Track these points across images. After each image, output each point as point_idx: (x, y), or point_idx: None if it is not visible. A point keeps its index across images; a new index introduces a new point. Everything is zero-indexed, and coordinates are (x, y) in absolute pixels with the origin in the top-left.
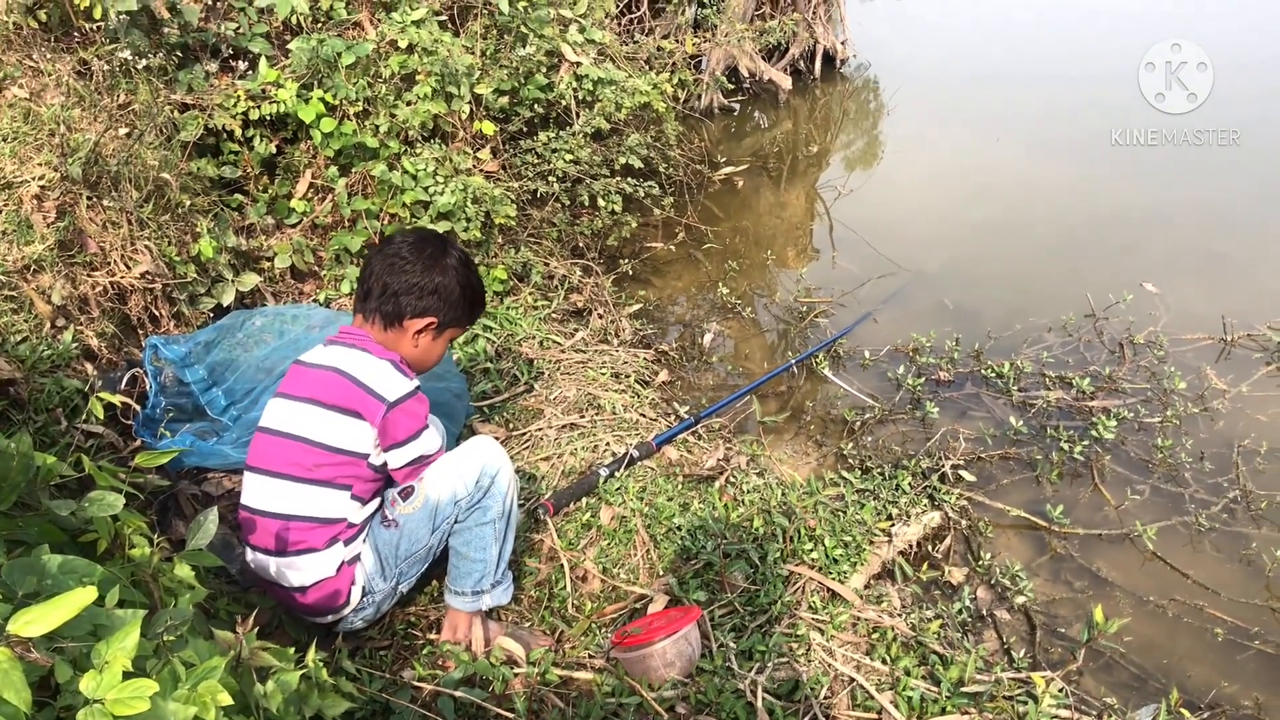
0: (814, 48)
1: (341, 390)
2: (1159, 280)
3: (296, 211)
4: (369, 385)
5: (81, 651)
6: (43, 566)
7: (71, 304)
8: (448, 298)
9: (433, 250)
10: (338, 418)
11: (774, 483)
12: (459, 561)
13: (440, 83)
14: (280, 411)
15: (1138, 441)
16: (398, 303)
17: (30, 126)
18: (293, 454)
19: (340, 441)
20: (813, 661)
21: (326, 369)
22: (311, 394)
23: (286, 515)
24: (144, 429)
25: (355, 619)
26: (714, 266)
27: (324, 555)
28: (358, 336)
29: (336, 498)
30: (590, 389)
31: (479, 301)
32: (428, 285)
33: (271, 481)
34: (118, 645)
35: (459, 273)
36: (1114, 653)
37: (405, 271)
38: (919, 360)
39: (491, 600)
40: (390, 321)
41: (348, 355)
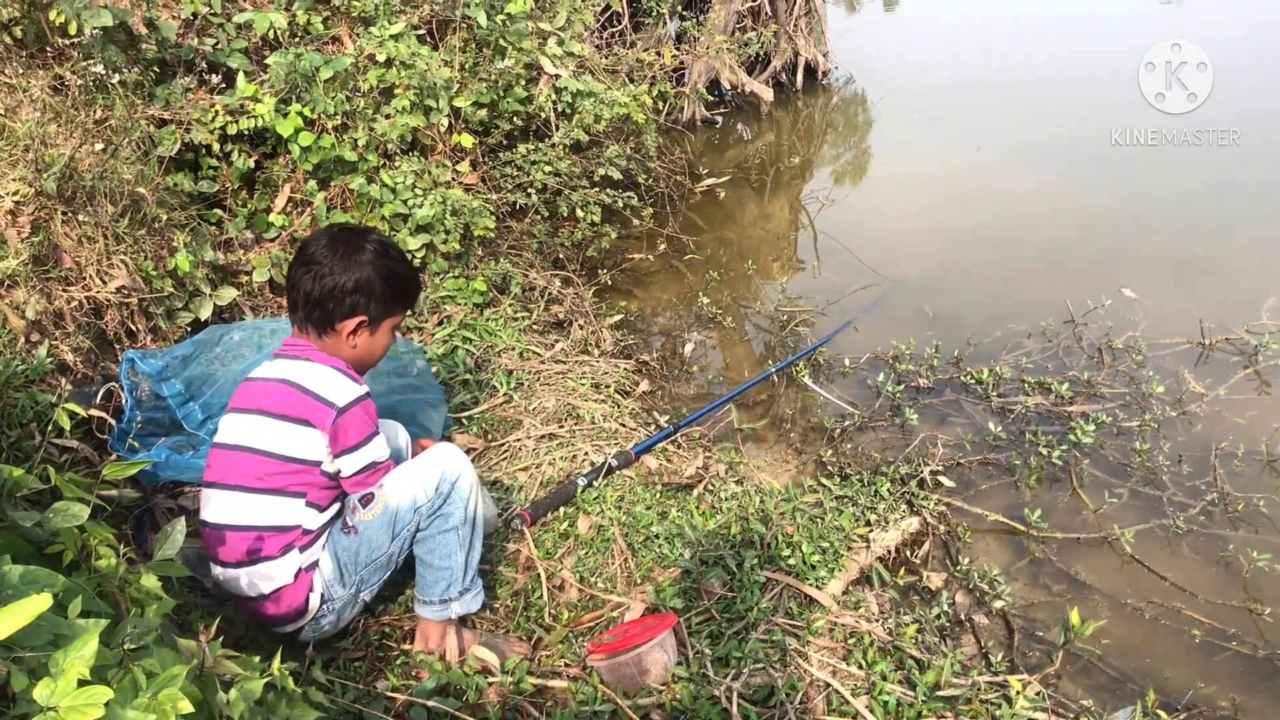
0: (795, 60)
1: (289, 399)
2: (1138, 285)
3: (275, 225)
4: (317, 392)
5: (40, 661)
6: (3, 577)
7: (46, 319)
8: (371, 292)
9: (345, 247)
10: (287, 426)
11: (752, 490)
12: (425, 570)
13: (419, 96)
14: (231, 426)
15: (1116, 445)
16: (324, 309)
17: (4, 142)
18: (244, 465)
19: (291, 450)
20: (789, 667)
21: (274, 380)
22: (260, 405)
23: (242, 526)
24: (120, 443)
25: (319, 625)
26: (696, 277)
27: (279, 563)
28: (300, 347)
29: (290, 505)
30: (570, 399)
31: (408, 285)
32: (348, 284)
33: (226, 494)
34: (75, 653)
35: (376, 264)
36: (1092, 655)
37: (322, 276)
38: (899, 367)
39: (461, 608)
40: (322, 329)
41: (293, 366)
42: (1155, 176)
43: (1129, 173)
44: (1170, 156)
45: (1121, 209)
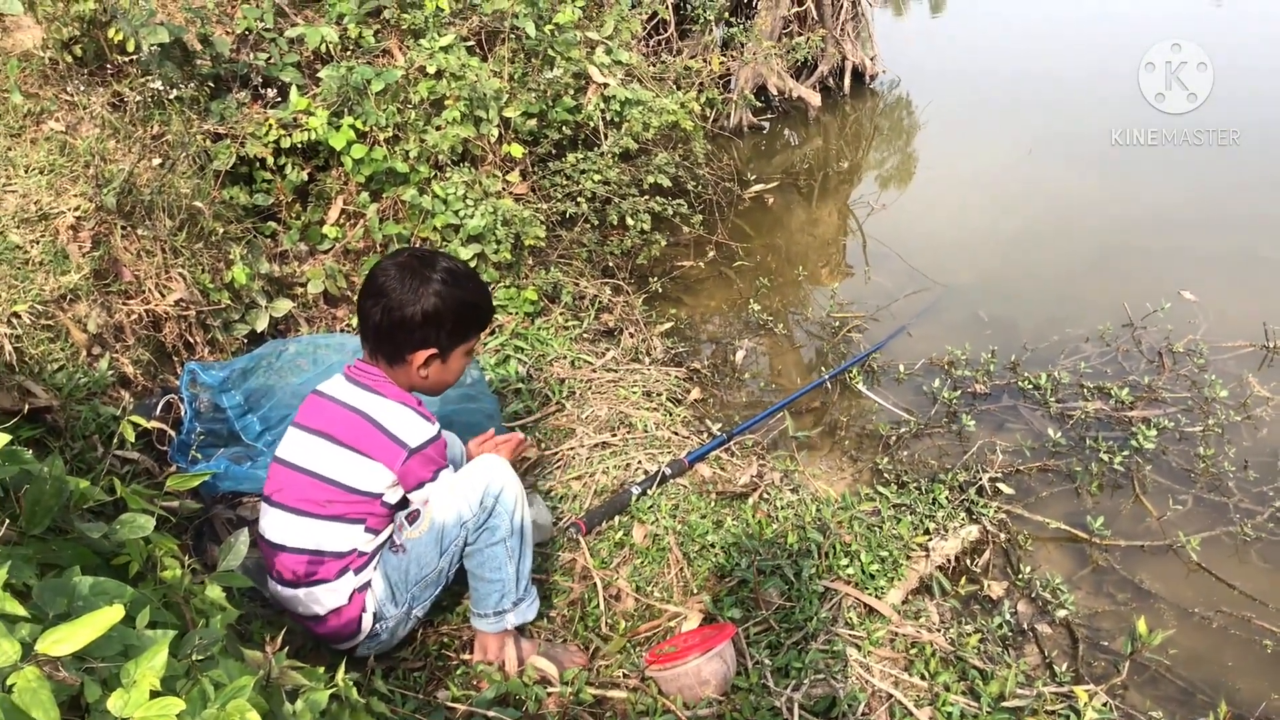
0: (843, 64)
1: (360, 432)
2: (1197, 287)
3: (329, 237)
4: (391, 431)
5: (111, 672)
6: (73, 588)
7: (107, 332)
8: (440, 324)
9: (413, 278)
10: (355, 458)
11: (808, 498)
12: (477, 584)
13: (469, 107)
14: (297, 444)
15: (1179, 451)
16: (394, 341)
17: (66, 158)
18: (307, 489)
19: (355, 481)
20: (850, 678)
21: (347, 408)
22: (330, 430)
23: (300, 549)
24: (179, 454)
25: (371, 645)
26: (745, 284)
27: (336, 585)
28: (373, 377)
29: (349, 531)
30: (622, 408)
31: (478, 311)
32: (416, 317)
33: (285, 515)
34: (146, 664)
35: (444, 294)
36: (1159, 665)
37: (390, 309)
38: (954, 373)
39: (516, 619)
40: (393, 360)
41: (367, 398)
42: (1206, 175)
43: (1180, 171)
44: (1217, 156)
45: (1175, 209)
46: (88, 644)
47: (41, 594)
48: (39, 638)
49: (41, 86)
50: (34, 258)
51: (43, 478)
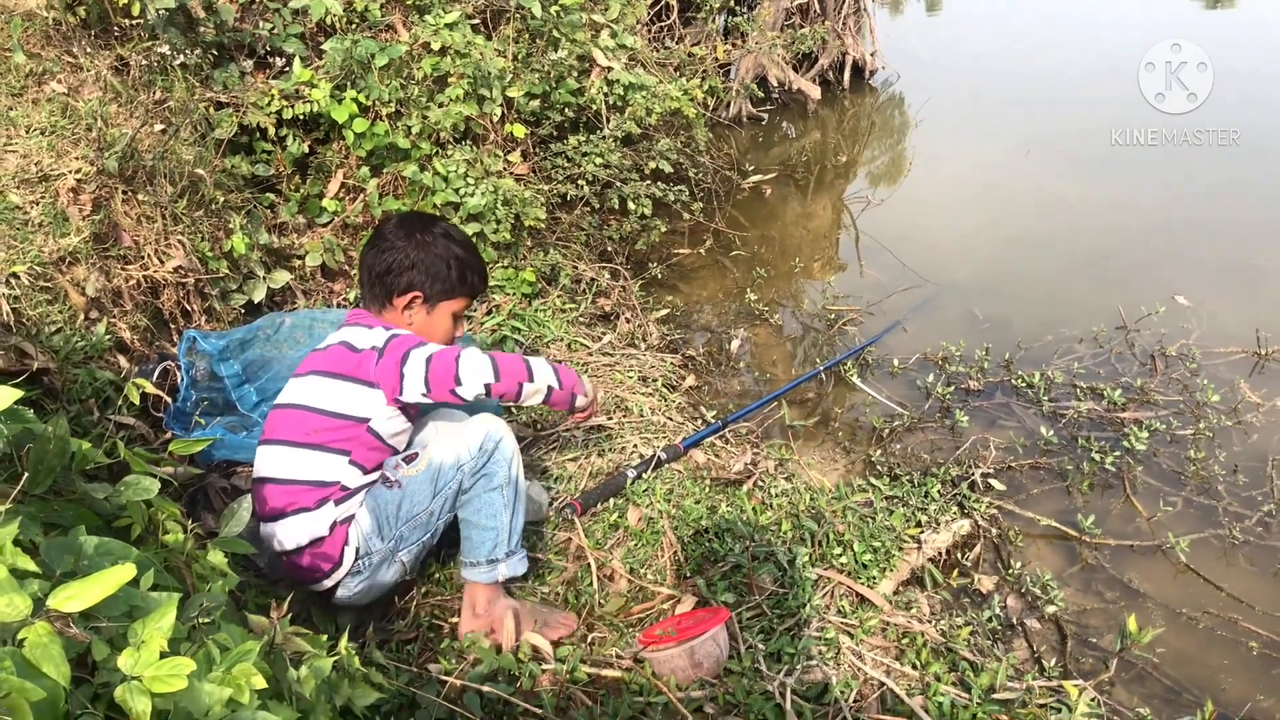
0: (843, 58)
1: (341, 357)
2: (1191, 292)
3: (328, 211)
4: (359, 345)
5: (118, 631)
6: (79, 547)
7: (105, 296)
8: (429, 270)
9: (412, 227)
10: (337, 383)
11: (802, 487)
12: (471, 532)
13: (472, 85)
14: (290, 389)
15: (1170, 453)
16: (383, 283)
17: (68, 121)
18: (294, 421)
19: (339, 406)
20: (842, 665)
21: (328, 344)
22: (315, 366)
23: (282, 479)
24: (174, 422)
25: (351, 585)
26: (741, 274)
27: (315, 515)
28: (361, 316)
29: (332, 462)
30: (618, 391)
31: (470, 271)
32: (405, 261)
33: (273, 449)
34: (154, 625)
35: (438, 245)
36: (1147, 664)
37: (384, 250)
38: (948, 369)
39: (508, 570)
40: (381, 304)
41: (351, 330)
42: (1205, 178)
43: (1178, 173)
44: (1216, 157)
45: (1172, 212)
46: (96, 603)
47: (49, 552)
48: (50, 594)
49: (44, 47)
50: (34, 219)
51: (46, 437)
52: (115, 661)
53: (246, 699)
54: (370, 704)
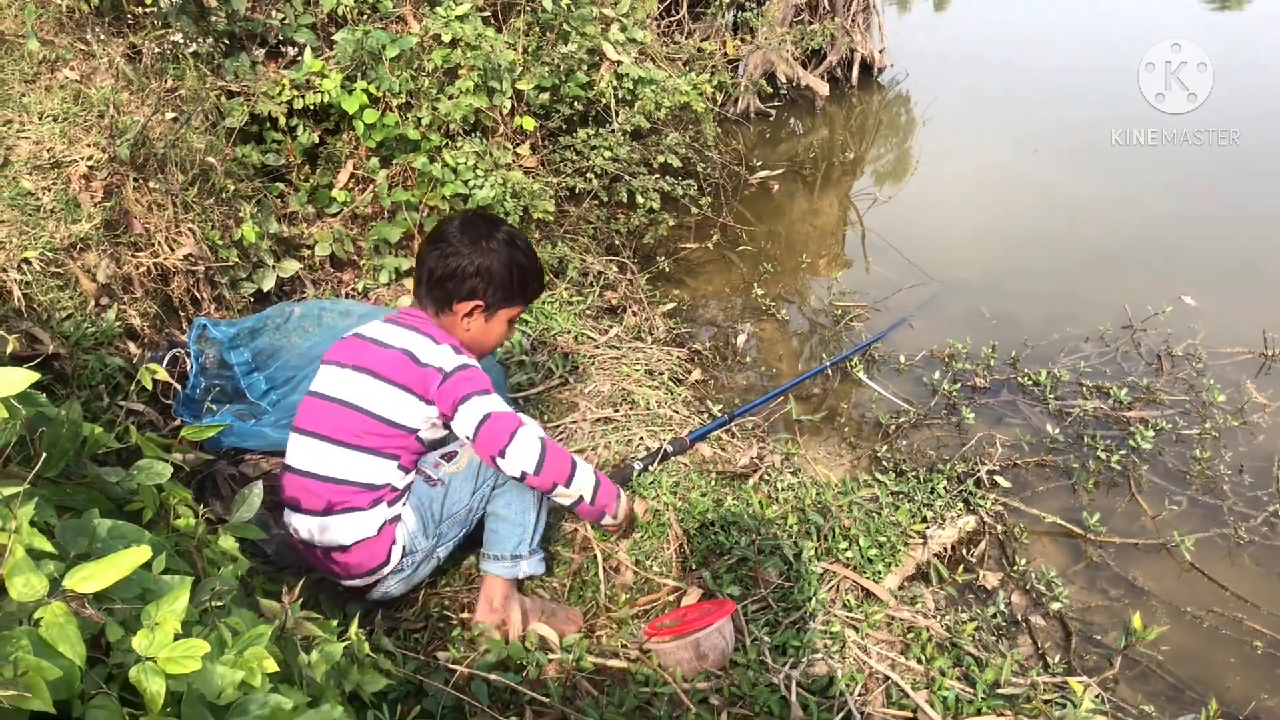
0: (851, 55)
1: (399, 364)
2: (1197, 293)
3: (337, 201)
4: (424, 360)
5: (131, 614)
6: (93, 529)
7: (115, 283)
8: (492, 279)
9: (476, 232)
10: (393, 391)
11: (808, 482)
12: (498, 525)
13: (482, 78)
14: (333, 378)
15: (1175, 453)
16: (444, 288)
17: (80, 107)
18: (343, 420)
19: (393, 414)
20: (847, 659)
21: (387, 346)
22: (369, 364)
23: (334, 479)
24: (183, 409)
25: (392, 581)
26: (748, 269)
27: (368, 515)
28: (418, 319)
29: (383, 466)
30: (624, 384)
31: (531, 279)
32: (469, 268)
33: (319, 444)
34: (168, 607)
35: (503, 253)
36: (1151, 661)
37: (448, 255)
38: (955, 366)
39: (529, 567)
40: (440, 307)
41: (409, 336)
42: (1211, 179)
43: (1184, 174)
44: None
45: (1179, 211)
46: (110, 584)
47: (63, 533)
48: (66, 574)
49: (57, 34)
50: (45, 205)
51: (59, 421)
52: (129, 642)
53: (258, 682)
54: (378, 690)
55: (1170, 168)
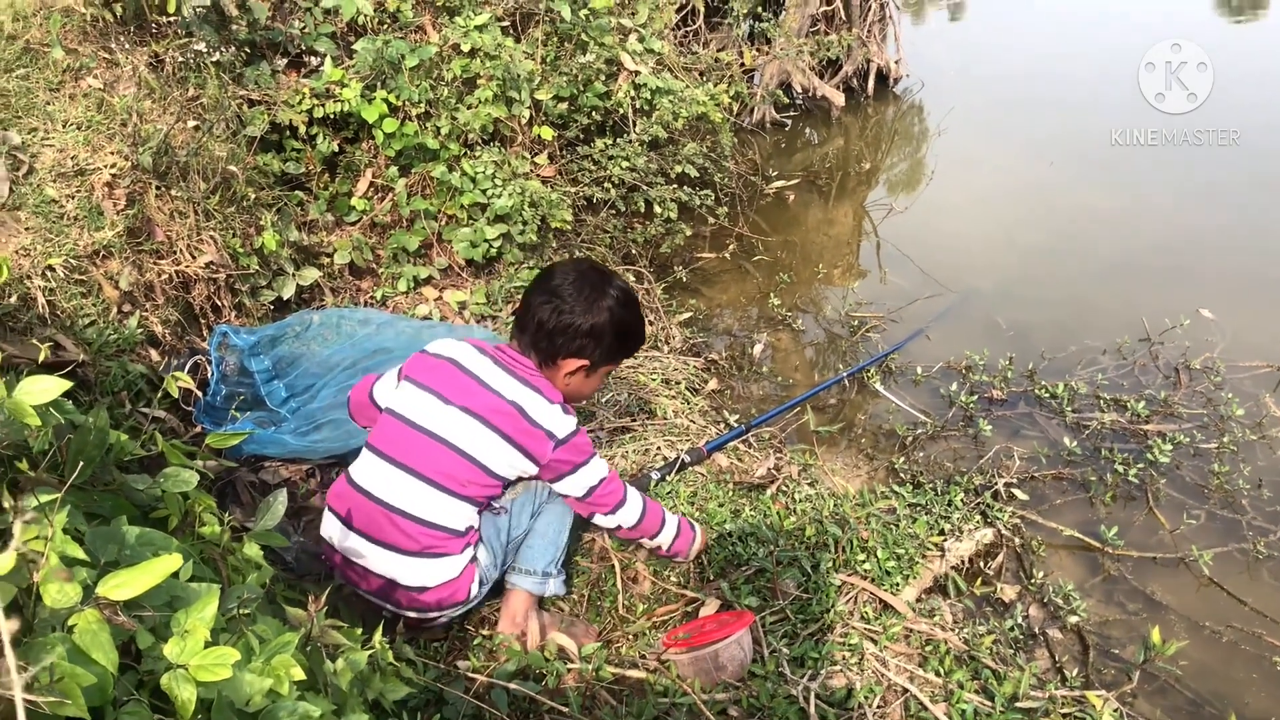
0: (867, 66)
1: (512, 420)
2: (1216, 305)
3: (356, 209)
4: (541, 423)
5: (160, 621)
6: (122, 536)
7: (138, 290)
8: (601, 339)
9: (591, 289)
10: (503, 445)
11: (826, 493)
12: (535, 541)
13: (501, 87)
14: (434, 412)
15: (1193, 466)
16: (553, 342)
17: (103, 116)
18: (450, 465)
19: (497, 466)
20: (866, 671)
21: (496, 393)
22: (480, 410)
23: (429, 522)
24: (204, 416)
25: (457, 612)
26: (764, 278)
27: (457, 559)
28: (526, 368)
29: (473, 510)
30: (641, 394)
31: (635, 340)
32: (582, 327)
33: (414, 482)
34: (197, 615)
35: (614, 313)
36: (1170, 676)
37: (562, 312)
38: (972, 378)
39: (555, 586)
40: (546, 359)
41: (520, 389)
42: (1229, 190)
43: (1202, 186)
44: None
45: (1197, 223)
46: (142, 592)
47: (94, 541)
48: (100, 582)
49: (82, 43)
50: (69, 212)
51: (87, 428)
52: (160, 650)
53: (286, 690)
54: (399, 699)
55: (1188, 180)
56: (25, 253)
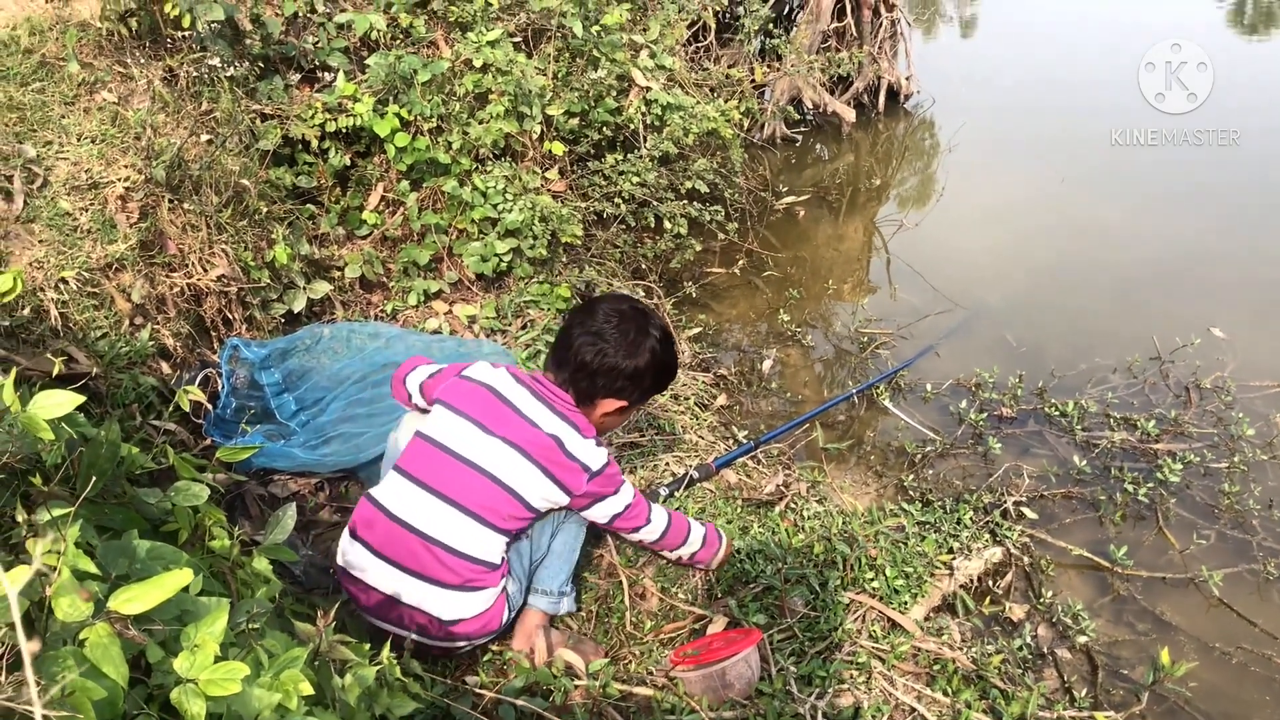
0: (878, 82)
1: (550, 452)
2: (1227, 325)
3: (367, 223)
4: (576, 455)
5: (170, 635)
6: (133, 550)
7: (150, 303)
8: (640, 382)
9: (635, 332)
10: (539, 475)
11: (834, 510)
12: (551, 561)
13: (513, 102)
14: (479, 444)
15: (1203, 486)
16: (593, 383)
17: (118, 129)
18: (491, 497)
19: (536, 499)
20: (873, 690)
21: (534, 425)
22: (519, 441)
23: (467, 556)
24: (214, 428)
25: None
26: (773, 294)
27: (491, 592)
28: (564, 403)
29: (504, 543)
30: (650, 409)
31: (670, 379)
32: (626, 369)
33: (453, 513)
34: (207, 629)
35: (655, 356)
36: (1179, 697)
37: (606, 354)
38: (981, 395)
39: (568, 605)
40: (584, 398)
41: (558, 423)
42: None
43: (1214, 203)
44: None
45: (1208, 242)
46: (152, 606)
47: (105, 554)
48: (111, 596)
49: (97, 57)
50: (83, 225)
51: (98, 442)
52: (170, 664)
53: (294, 705)
54: (406, 714)
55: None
56: (39, 265)
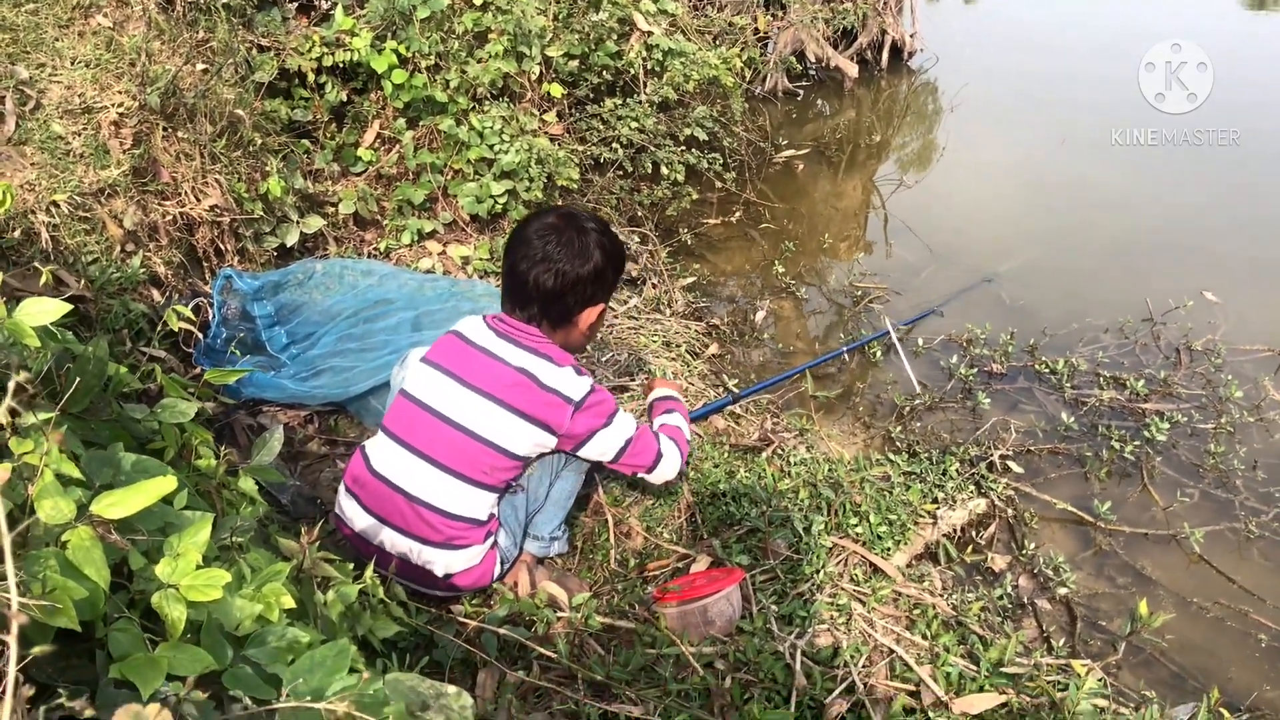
0: (882, 38)
1: (525, 391)
2: (1219, 289)
3: (363, 160)
4: (555, 388)
5: (153, 544)
6: (118, 461)
7: (141, 230)
8: (604, 278)
9: (576, 237)
10: (519, 422)
11: (821, 457)
12: (549, 507)
13: (512, 42)
14: (448, 394)
15: (1189, 446)
16: (564, 303)
17: (112, 55)
18: (473, 454)
19: (517, 447)
20: (853, 631)
21: (510, 367)
22: (495, 391)
23: (452, 514)
24: (204, 358)
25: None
26: (769, 246)
27: (481, 548)
28: (535, 339)
29: (493, 499)
30: (641, 355)
31: (624, 259)
32: (588, 275)
33: (434, 472)
34: (190, 539)
35: (605, 248)
36: (1155, 649)
37: (563, 272)
38: (972, 351)
39: (559, 547)
40: (560, 321)
41: (530, 358)
42: (1234, 176)
43: (1210, 170)
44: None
45: (1203, 207)
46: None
47: (89, 463)
48: (93, 500)
49: None
50: (75, 149)
51: (86, 357)
52: (151, 571)
53: (275, 616)
54: (389, 639)
55: (1197, 164)
56: (30, 187)
